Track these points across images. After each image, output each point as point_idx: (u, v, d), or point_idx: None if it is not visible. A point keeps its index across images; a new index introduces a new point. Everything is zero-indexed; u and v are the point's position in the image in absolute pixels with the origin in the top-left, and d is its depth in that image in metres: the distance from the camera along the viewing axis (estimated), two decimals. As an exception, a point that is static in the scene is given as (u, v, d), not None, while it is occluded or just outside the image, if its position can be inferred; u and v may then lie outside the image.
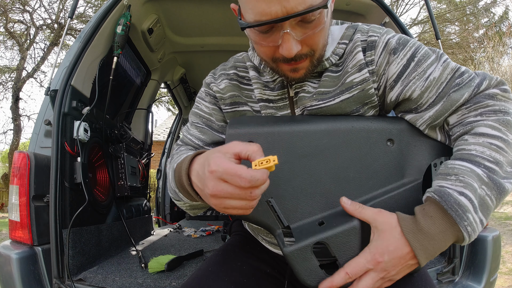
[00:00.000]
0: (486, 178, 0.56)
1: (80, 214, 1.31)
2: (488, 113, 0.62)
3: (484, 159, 0.58)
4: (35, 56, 12.35)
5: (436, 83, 0.65)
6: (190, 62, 2.85)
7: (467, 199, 0.55)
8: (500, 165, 0.58)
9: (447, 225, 0.55)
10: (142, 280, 1.27)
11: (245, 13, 0.62)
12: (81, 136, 1.37)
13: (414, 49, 0.68)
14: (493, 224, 5.68)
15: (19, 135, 11.28)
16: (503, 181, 0.57)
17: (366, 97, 0.70)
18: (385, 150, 0.66)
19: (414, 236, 0.56)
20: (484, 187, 0.56)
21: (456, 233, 0.55)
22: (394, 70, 0.68)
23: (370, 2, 1.71)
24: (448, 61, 0.67)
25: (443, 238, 0.56)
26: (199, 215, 3.36)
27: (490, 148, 0.58)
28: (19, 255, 1.18)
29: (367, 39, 0.71)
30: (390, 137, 0.67)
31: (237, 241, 0.89)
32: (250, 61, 0.80)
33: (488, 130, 0.60)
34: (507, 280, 3.09)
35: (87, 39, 1.43)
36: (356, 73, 0.70)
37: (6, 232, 6.54)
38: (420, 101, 0.67)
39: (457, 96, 0.63)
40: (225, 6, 1.97)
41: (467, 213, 0.54)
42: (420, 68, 0.67)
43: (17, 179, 1.24)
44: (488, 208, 0.56)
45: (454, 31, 13.05)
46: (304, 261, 0.59)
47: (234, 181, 0.50)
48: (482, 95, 0.64)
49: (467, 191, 0.55)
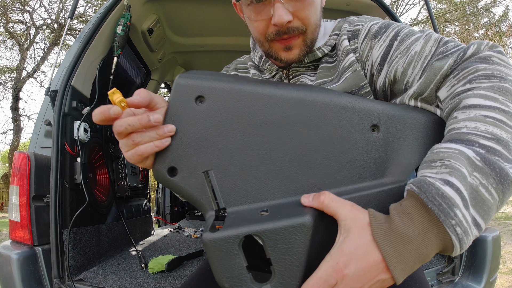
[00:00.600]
0: (480, 161, 0.42)
1: (80, 214, 1.31)
2: (479, 79, 0.49)
3: (479, 136, 0.44)
4: (35, 56, 12.37)
5: (419, 57, 0.58)
6: (190, 62, 2.85)
7: (454, 189, 0.41)
8: (504, 143, 0.44)
9: (428, 225, 0.41)
10: (142, 280, 1.27)
11: None
12: (81, 136, 1.37)
13: (398, 30, 0.64)
14: (493, 224, 5.68)
15: (19, 135, 11.29)
16: (509, 166, 0.42)
17: (359, 78, 0.67)
18: (366, 137, 0.53)
19: (386, 238, 0.42)
20: (477, 175, 0.42)
21: (442, 236, 0.41)
22: (377, 53, 0.65)
23: (370, 2, 1.71)
24: (431, 33, 0.60)
25: (424, 242, 0.42)
26: (199, 215, 3.36)
27: (485, 122, 0.45)
28: (19, 255, 1.18)
29: (353, 29, 0.71)
30: (376, 122, 0.53)
31: None
32: (252, 61, 0.83)
33: (480, 100, 0.47)
34: (507, 280, 3.09)
35: (87, 39, 1.43)
36: (345, 59, 0.69)
37: (6, 232, 6.54)
38: (406, 79, 0.59)
39: (440, 64, 0.53)
40: (225, 6, 1.97)
41: (454, 208, 0.40)
42: (403, 45, 0.61)
43: (17, 179, 1.24)
44: (484, 204, 0.42)
45: (454, 31, 13.06)
46: (227, 256, 0.44)
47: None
48: (472, 59, 0.52)
49: (454, 178, 0.41)
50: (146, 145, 0.50)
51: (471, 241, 0.42)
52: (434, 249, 0.43)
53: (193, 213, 3.50)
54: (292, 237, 0.43)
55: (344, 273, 0.42)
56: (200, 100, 0.53)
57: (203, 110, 0.53)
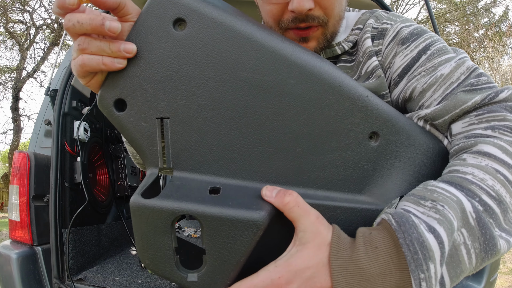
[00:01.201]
0: (474, 220, 0.37)
1: (80, 214, 1.31)
2: (504, 130, 0.43)
3: (483, 190, 0.39)
4: (35, 56, 12.36)
5: (444, 81, 0.50)
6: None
7: (438, 242, 0.35)
8: (504, 207, 0.39)
9: (393, 268, 0.36)
10: (142, 280, 1.27)
11: None
12: (81, 136, 1.37)
13: (430, 42, 0.55)
14: (493, 224, 5.68)
15: (19, 135, 11.29)
16: (499, 234, 0.38)
17: (381, 87, 0.58)
18: (360, 143, 0.45)
19: (342, 267, 0.37)
20: (464, 232, 0.37)
21: (403, 284, 0.36)
22: (400, 63, 0.57)
23: (370, 2, 1.71)
24: (465, 59, 0.52)
25: (382, 285, 0.36)
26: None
27: (494, 177, 0.39)
28: (19, 255, 1.18)
29: (379, 27, 0.62)
30: (377, 130, 0.46)
31: None
32: None
33: (497, 152, 0.41)
34: (507, 280, 3.09)
35: (87, 39, 1.43)
36: (367, 61, 0.60)
37: (6, 232, 6.54)
38: (422, 101, 0.52)
39: (465, 97, 0.47)
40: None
41: (429, 261, 0.35)
42: (430, 63, 0.53)
43: (17, 179, 1.24)
44: (458, 265, 0.37)
45: (454, 31, 13.07)
46: (155, 231, 0.37)
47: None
48: (503, 105, 0.45)
49: (442, 229, 0.36)
50: (91, 56, 0.39)
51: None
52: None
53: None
54: (238, 233, 0.37)
55: (283, 281, 0.37)
56: (180, 24, 0.41)
57: (180, 38, 0.41)
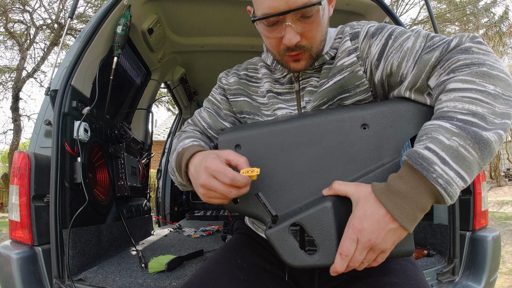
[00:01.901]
0: (457, 129, 0.55)
1: (80, 214, 1.31)
2: (460, 68, 0.60)
3: (457, 113, 0.56)
4: (35, 56, 12.36)
5: (411, 52, 0.68)
6: (190, 62, 2.85)
7: (431, 152, 0.54)
8: (480, 116, 0.55)
9: (418, 181, 0.55)
10: (142, 280, 1.27)
11: (256, 10, 0.75)
12: (81, 136, 1.37)
13: (392, 29, 0.75)
14: (493, 224, 5.68)
15: (19, 135, 11.28)
16: (484, 132, 0.54)
17: (356, 78, 0.77)
18: (360, 135, 0.69)
19: (386, 196, 0.56)
20: (456, 138, 0.54)
21: (430, 187, 0.54)
22: (375, 51, 0.75)
23: (370, 2, 1.71)
24: (420, 31, 0.71)
25: (417, 195, 0.55)
26: (199, 215, 3.37)
27: (462, 101, 0.57)
28: (19, 255, 1.18)
29: (353, 31, 0.80)
30: (364, 122, 0.69)
31: (238, 239, 0.91)
32: (263, 62, 0.93)
33: (458, 84, 0.58)
34: (507, 280, 3.09)
35: (87, 39, 1.43)
36: (345, 57, 0.78)
37: (6, 232, 6.54)
38: (401, 72, 0.70)
39: (428, 57, 0.65)
40: (225, 6, 1.97)
41: (433, 165, 0.53)
42: (397, 42, 0.72)
43: (17, 179, 1.24)
44: (465, 160, 0.54)
45: (454, 31, 13.05)
46: (283, 241, 0.63)
47: (220, 177, 0.63)
48: (454, 51, 0.63)
49: (432, 144, 0.55)
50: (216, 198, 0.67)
51: (457, 190, 0.54)
52: (428, 199, 0.55)
53: (193, 213, 3.51)
54: (321, 218, 0.62)
55: (359, 229, 0.57)
56: (239, 147, 0.76)
57: (242, 153, 0.74)
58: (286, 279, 0.81)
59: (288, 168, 0.72)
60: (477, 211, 1.40)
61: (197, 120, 0.97)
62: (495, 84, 0.57)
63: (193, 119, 0.99)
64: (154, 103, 2.79)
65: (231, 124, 0.95)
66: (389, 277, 0.69)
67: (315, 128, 0.72)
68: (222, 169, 0.63)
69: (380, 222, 0.56)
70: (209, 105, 0.98)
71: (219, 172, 0.63)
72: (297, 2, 0.68)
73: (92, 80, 1.55)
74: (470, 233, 1.39)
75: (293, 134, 0.73)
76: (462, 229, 1.39)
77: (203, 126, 0.95)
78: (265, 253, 0.85)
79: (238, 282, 0.73)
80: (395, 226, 0.56)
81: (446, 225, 1.41)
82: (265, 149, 0.74)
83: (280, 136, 0.73)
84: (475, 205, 1.40)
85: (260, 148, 0.74)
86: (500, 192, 10.05)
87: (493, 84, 0.57)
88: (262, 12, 0.72)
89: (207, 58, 2.72)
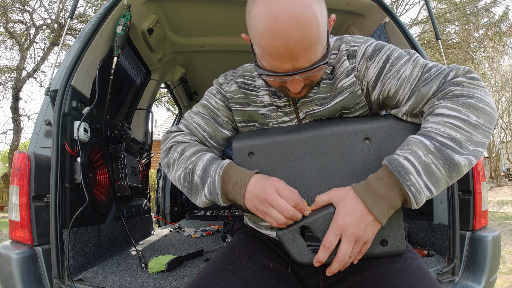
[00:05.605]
0: (434, 148, 0.64)
1: (80, 214, 1.31)
2: (450, 97, 0.69)
3: (437, 134, 0.65)
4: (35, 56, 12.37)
5: (408, 80, 0.75)
6: (190, 62, 2.85)
7: (410, 163, 0.64)
8: (457, 141, 0.64)
9: (393, 185, 0.64)
10: (142, 280, 1.27)
11: (260, 59, 0.75)
12: (81, 136, 1.37)
13: (389, 53, 0.78)
14: (493, 224, 5.68)
15: (19, 135, 11.28)
16: (456, 155, 0.63)
17: (356, 97, 0.81)
18: (362, 148, 0.76)
19: (365, 194, 0.66)
20: (430, 156, 0.64)
21: (402, 192, 0.64)
22: (372, 73, 0.79)
23: (370, 2, 1.71)
24: (418, 59, 0.76)
25: (392, 195, 0.65)
26: (199, 215, 3.37)
27: (444, 126, 0.66)
28: (19, 255, 1.18)
29: (350, 49, 0.82)
30: (367, 135, 0.76)
31: (241, 239, 0.91)
32: None
33: (445, 110, 0.67)
34: (507, 280, 3.09)
35: (87, 39, 1.43)
36: (345, 78, 0.81)
37: (6, 232, 6.54)
38: (397, 97, 0.77)
39: (426, 90, 0.72)
40: (225, 6, 1.97)
41: (409, 174, 0.63)
42: (394, 68, 0.77)
43: (17, 179, 1.24)
44: (434, 175, 0.63)
45: (454, 31, 13.06)
46: (293, 241, 0.72)
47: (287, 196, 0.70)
48: (448, 83, 0.70)
49: (411, 156, 0.64)
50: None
51: (424, 199, 0.64)
52: (399, 200, 0.65)
53: (193, 213, 3.50)
54: (327, 221, 0.70)
55: (342, 225, 0.66)
56: (252, 154, 0.81)
57: (255, 160, 0.80)
58: (289, 274, 0.82)
59: (297, 175, 0.78)
60: (477, 211, 1.40)
61: (193, 128, 0.92)
62: (478, 116, 0.66)
63: (188, 127, 0.93)
64: (154, 103, 2.79)
65: (230, 132, 0.93)
66: (392, 264, 0.73)
67: (323, 140, 0.78)
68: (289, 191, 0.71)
69: (360, 217, 0.66)
70: (204, 111, 0.94)
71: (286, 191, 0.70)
72: (304, 65, 0.70)
73: (92, 80, 1.55)
74: (470, 233, 1.39)
75: (303, 144, 0.78)
76: (462, 229, 1.39)
77: (202, 135, 0.92)
78: (268, 251, 0.86)
79: (245, 282, 0.74)
80: (372, 219, 0.66)
81: (446, 225, 1.41)
82: (277, 158, 0.79)
83: (291, 145, 0.79)
84: (475, 205, 1.40)
85: (272, 156, 0.80)
86: (500, 192, 10.05)
87: (476, 116, 0.66)
88: (268, 68, 0.73)
89: (207, 58, 2.72)
